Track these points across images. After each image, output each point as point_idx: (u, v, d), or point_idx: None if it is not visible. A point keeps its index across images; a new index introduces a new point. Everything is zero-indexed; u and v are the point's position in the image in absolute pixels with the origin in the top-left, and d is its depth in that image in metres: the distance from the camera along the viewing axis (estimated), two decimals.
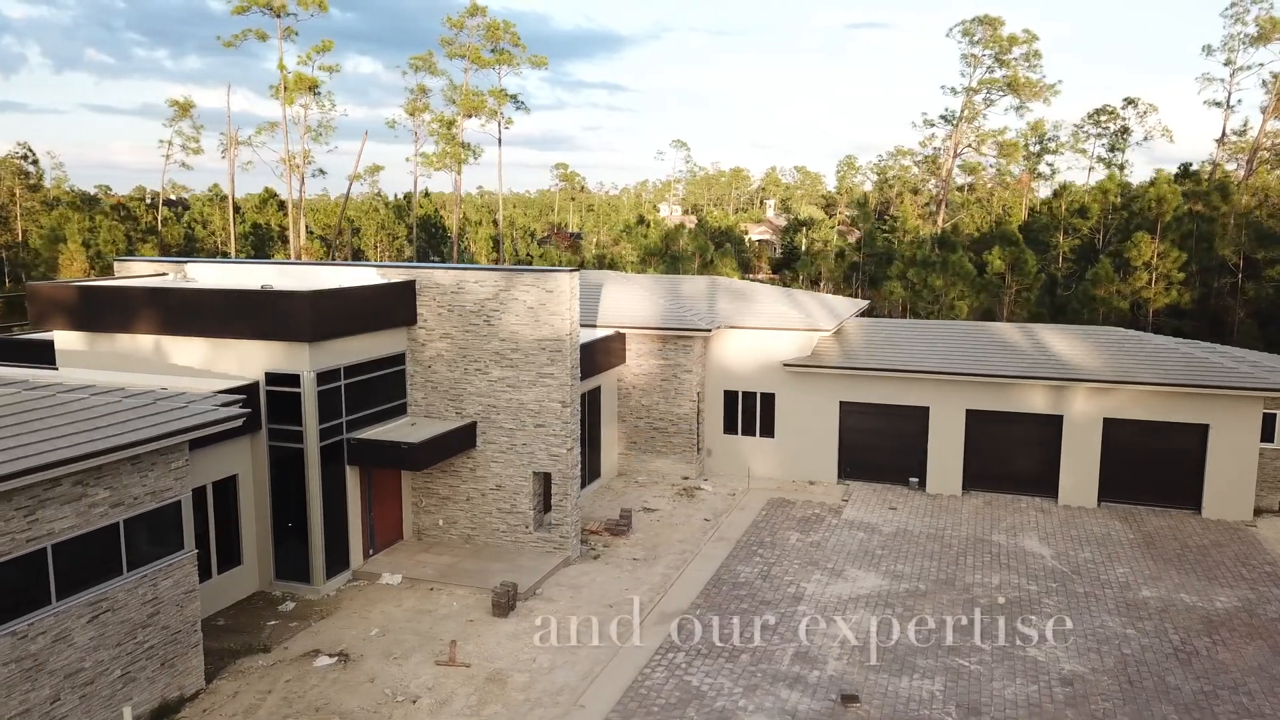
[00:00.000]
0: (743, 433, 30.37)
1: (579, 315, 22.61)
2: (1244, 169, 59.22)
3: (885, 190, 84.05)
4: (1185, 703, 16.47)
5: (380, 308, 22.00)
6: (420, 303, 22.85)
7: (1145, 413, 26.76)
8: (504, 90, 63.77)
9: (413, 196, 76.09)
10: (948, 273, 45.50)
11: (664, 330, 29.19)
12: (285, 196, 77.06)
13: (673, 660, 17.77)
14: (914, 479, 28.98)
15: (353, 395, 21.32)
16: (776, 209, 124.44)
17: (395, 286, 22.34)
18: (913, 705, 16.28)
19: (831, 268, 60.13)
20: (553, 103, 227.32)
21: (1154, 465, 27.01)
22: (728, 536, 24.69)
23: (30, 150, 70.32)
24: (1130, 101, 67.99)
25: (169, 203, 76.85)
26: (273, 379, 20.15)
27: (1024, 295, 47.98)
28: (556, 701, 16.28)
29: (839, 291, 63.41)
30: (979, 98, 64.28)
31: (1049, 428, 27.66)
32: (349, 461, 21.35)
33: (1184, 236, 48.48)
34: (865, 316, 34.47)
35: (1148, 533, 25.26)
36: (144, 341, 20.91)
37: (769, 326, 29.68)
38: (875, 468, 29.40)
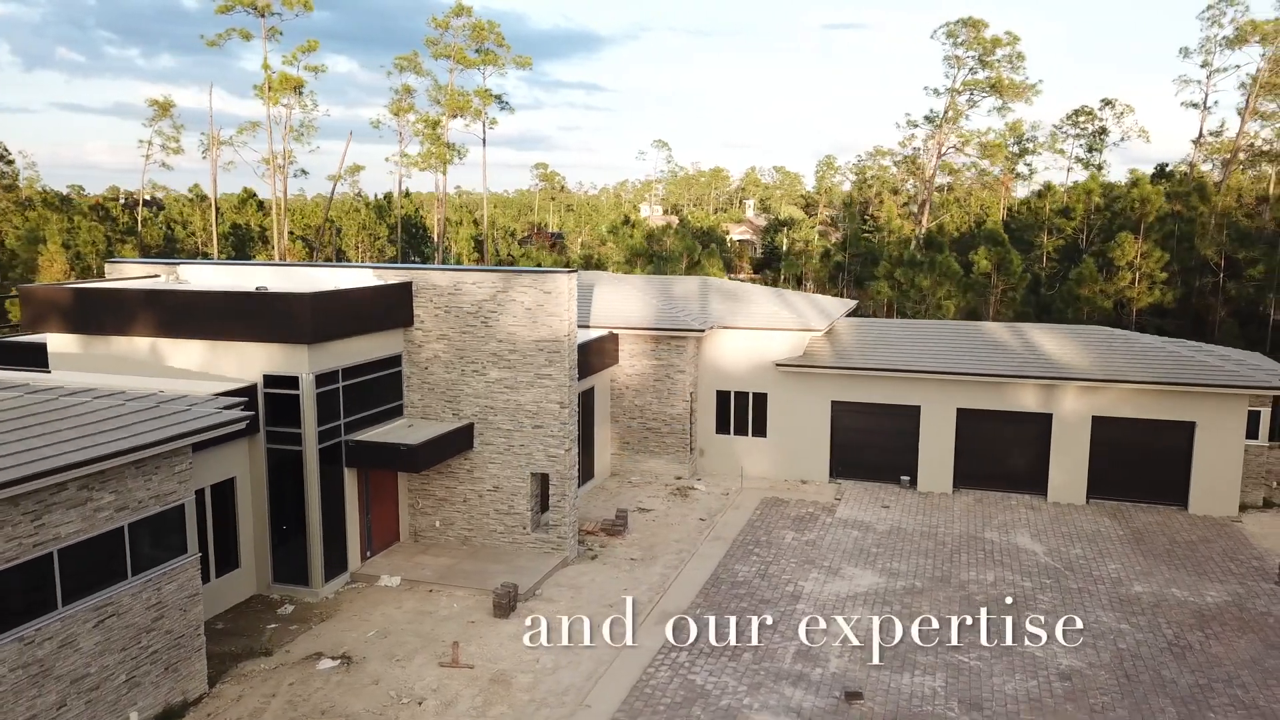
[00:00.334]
0: (735, 432, 30.52)
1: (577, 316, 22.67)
2: (1222, 170, 60.03)
3: (864, 190, 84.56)
4: (1182, 696, 16.74)
5: (378, 309, 21.96)
6: (417, 304, 22.81)
7: (1133, 411, 27.12)
8: (489, 90, 63.67)
9: (394, 196, 75.79)
10: (935, 272, 45.86)
11: (657, 331, 29.28)
12: (265, 197, 76.62)
13: (676, 659, 17.86)
14: (905, 477, 29.22)
15: (350, 397, 21.26)
16: (756, 209, 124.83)
17: (393, 288, 22.31)
18: (915, 701, 16.45)
19: (817, 267, 60.40)
20: (530, 102, 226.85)
21: (1142, 462, 27.37)
22: (724, 536, 24.81)
23: (5, 150, 69.52)
24: (1108, 102, 68.72)
25: (144, 203, 75.99)
26: (271, 381, 20.06)
27: (1009, 295, 48.44)
28: (562, 702, 16.33)
29: (823, 291, 63.80)
30: (963, 99, 64.81)
31: (1039, 426, 27.97)
32: (347, 463, 21.29)
33: (1166, 236, 49.11)
34: (853, 316, 34.70)
35: (1136, 529, 25.61)
36: (140, 344, 20.76)
37: (761, 327, 29.83)
38: (867, 466, 29.62)
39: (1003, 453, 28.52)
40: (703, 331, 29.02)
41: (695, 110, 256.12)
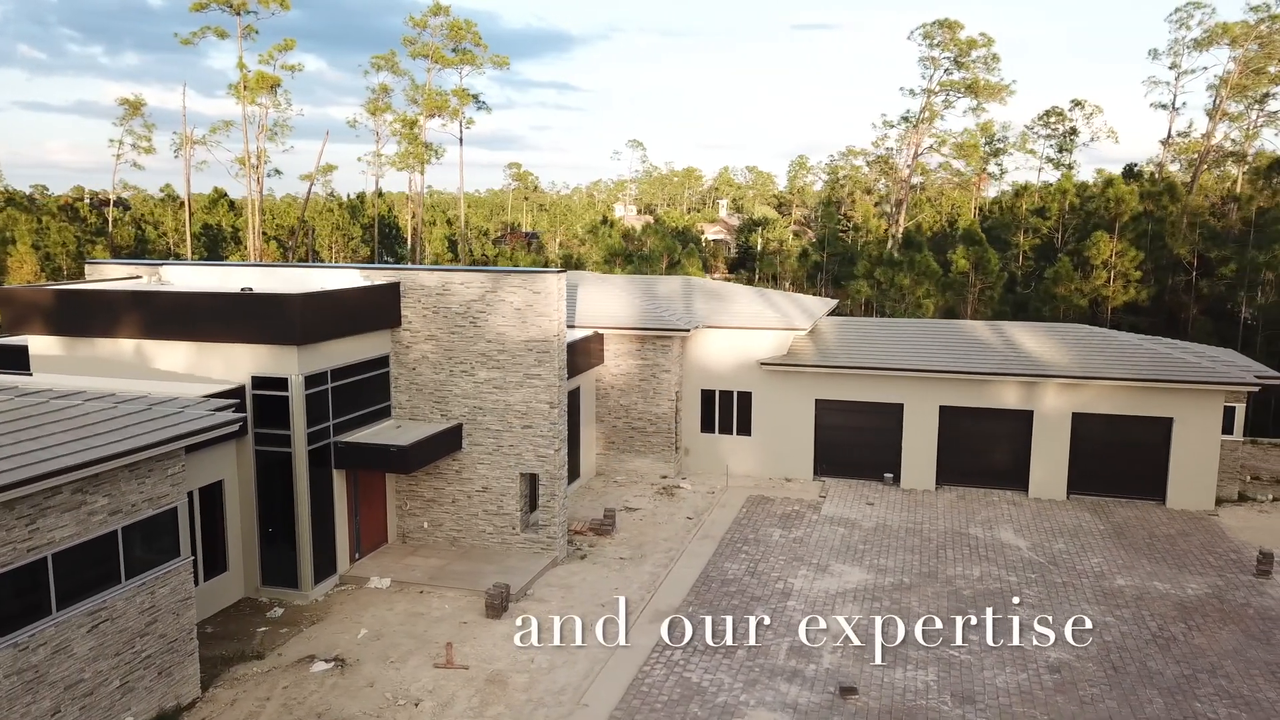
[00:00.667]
0: (720, 431, 30.66)
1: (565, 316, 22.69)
2: (1193, 171, 60.99)
3: (837, 190, 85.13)
4: (1168, 686, 17.04)
5: (366, 310, 21.86)
6: (405, 305, 22.73)
7: (1112, 407, 27.54)
8: (467, 90, 63.43)
9: (367, 196, 75.35)
10: (914, 271, 46.28)
11: (642, 330, 29.35)
12: (238, 196, 75.86)
13: (671, 657, 17.93)
14: (889, 475, 29.48)
15: (339, 399, 21.15)
16: (729, 209, 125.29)
17: (381, 288, 22.22)
18: (909, 695, 16.63)
19: (794, 267, 60.72)
20: (502, 102, 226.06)
21: (1121, 458, 27.81)
22: (711, 534, 24.92)
23: None
24: (1078, 103, 69.63)
25: (113, 203, 74.96)
26: (260, 383, 19.92)
27: (987, 293, 48.99)
28: (559, 701, 16.35)
29: (801, 291, 64.15)
30: (938, 99, 65.41)
31: (1020, 423, 28.32)
32: (336, 465, 21.18)
33: (1139, 236, 49.87)
34: (833, 315, 34.95)
35: (1117, 523, 26.01)
36: (124, 346, 20.52)
37: (745, 326, 29.98)
38: (851, 464, 29.85)
39: (985, 449, 28.85)
40: (687, 331, 29.12)
41: (667, 110, 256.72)
